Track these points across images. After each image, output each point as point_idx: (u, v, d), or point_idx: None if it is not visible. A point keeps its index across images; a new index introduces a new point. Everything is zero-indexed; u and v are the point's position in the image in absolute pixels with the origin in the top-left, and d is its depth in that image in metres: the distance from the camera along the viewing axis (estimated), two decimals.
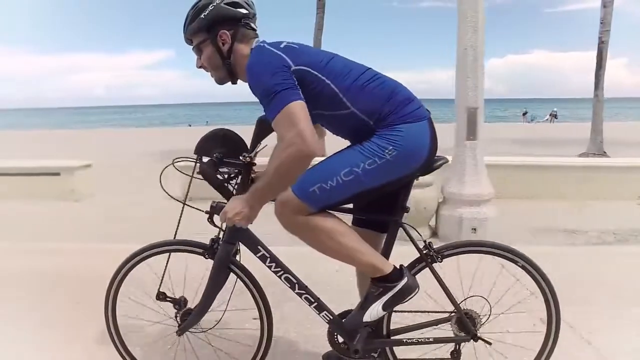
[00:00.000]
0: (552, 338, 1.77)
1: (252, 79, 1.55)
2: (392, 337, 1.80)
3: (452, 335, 1.77)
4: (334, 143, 1.68)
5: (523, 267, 1.74)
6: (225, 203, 1.66)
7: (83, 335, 2.39)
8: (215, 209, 1.71)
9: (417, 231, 1.71)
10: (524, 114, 35.30)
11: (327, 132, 1.74)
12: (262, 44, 1.64)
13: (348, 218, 1.78)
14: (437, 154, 1.66)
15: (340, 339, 1.78)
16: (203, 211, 1.74)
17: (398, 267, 1.68)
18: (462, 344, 1.78)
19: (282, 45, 1.62)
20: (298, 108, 1.46)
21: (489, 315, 1.77)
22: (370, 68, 1.67)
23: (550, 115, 32.36)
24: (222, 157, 1.72)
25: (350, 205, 1.74)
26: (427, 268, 1.72)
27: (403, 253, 1.74)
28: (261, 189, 1.55)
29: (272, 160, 1.51)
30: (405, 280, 1.64)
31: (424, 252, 1.73)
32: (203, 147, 1.79)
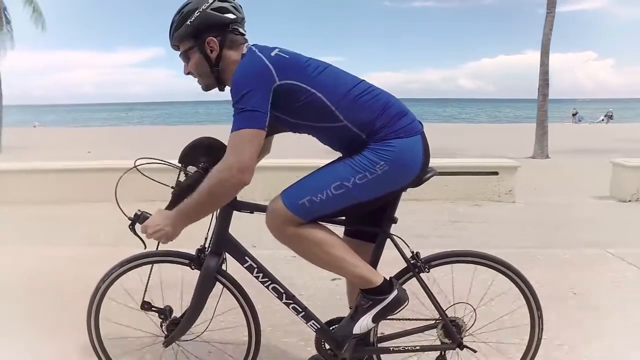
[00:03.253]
0: (533, 348, 1.80)
1: (233, 84, 1.52)
2: (379, 345, 1.82)
3: (439, 343, 1.79)
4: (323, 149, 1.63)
5: (510, 278, 1.76)
6: (150, 214, 1.61)
7: None
8: (138, 218, 1.63)
9: (404, 242, 1.71)
10: (574, 114, 34.26)
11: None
12: (253, 50, 1.58)
13: (340, 229, 1.77)
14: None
15: (327, 346, 1.79)
16: (127, 217, 1.64)
17: (388, 278, 1.68)
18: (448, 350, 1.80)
19: (272, 54, 1.56)
20: (253, 136, 1.46)
21: (474, 323, 1.80)
22: (363, 80, 1.64)
23: (605, 116, 31.99)
24: (207, 167, 1.68)
25: (342, 217, 1.72)
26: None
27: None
28: (190, 208, 1.54)
29: (208, 178, 1.51)
30: (395, 292, 1.64)
31: (412, 262, 1.73)
32: (188, 156, 1.75)
